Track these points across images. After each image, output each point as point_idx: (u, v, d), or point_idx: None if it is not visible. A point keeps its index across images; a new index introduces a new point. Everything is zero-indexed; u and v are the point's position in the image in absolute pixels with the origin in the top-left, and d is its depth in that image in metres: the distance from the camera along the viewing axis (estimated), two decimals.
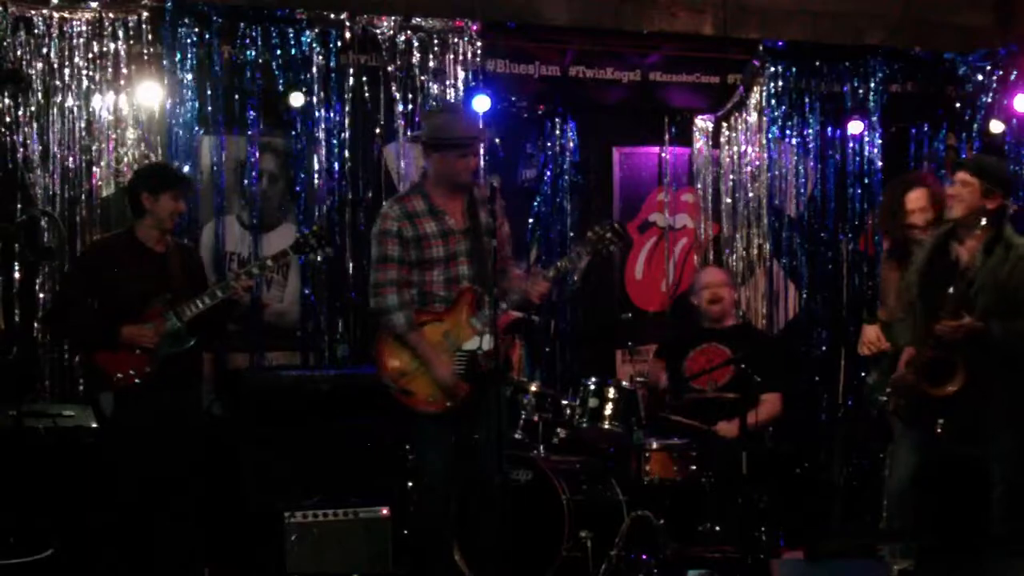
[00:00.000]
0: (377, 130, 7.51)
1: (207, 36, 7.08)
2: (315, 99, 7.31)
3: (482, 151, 7.52)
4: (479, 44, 7.52)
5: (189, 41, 7.04)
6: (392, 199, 5.91)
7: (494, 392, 5.50)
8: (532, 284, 5.61)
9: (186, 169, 7.04)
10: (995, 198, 5.50)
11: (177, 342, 5.85)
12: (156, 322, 5.81)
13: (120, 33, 6.94)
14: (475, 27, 7.49)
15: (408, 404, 5.63)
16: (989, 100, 8.35)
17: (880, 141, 8.34)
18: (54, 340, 6.70)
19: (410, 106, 7.47)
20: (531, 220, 7.91)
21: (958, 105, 8.48)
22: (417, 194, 5.69)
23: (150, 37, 6.97)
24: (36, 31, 6.80)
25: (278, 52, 7.23)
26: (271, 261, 6.17)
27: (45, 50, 6.82)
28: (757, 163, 8.25)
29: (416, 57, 7.46)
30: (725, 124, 8.30)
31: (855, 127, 8.24)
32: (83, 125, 6.91)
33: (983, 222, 5.46)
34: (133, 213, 5.99)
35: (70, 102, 6.88)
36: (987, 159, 6.00)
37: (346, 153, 7.43)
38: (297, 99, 7.22)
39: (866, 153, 8.34)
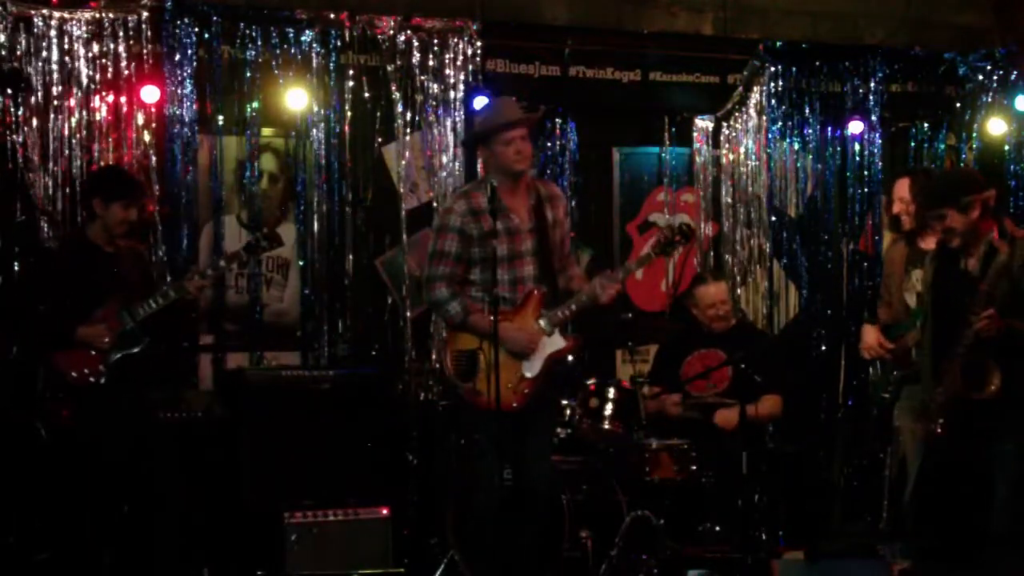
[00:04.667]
0: (377, 130, 7.51)
1: (207, 36, 7.08)
2: (315, 99, 7.31)
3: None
4: (479, 44, 7.52)
5: (189, 41, 7.04)
6: (458, 193, 5.77)
7: (549, 395, 5.55)
8: (603, 286, 5.52)
9: (186, 170, 7.05)
10: (974, 206, 5.41)
11: (131, 342, 5.85)
12: (110, 322, 5.81)
13: (120, 33, 6.94)
14: (475, 27, 7.49)
15: (477, 404, 5.45)
16: (989, 100, 8.35)
17: (880, 141, 8.34)
18: (7, 343, 6.49)
19: (410, 105, 7.47)
20: None
21: (958, 105, 8.48)
22: (481, 190, 5.50)
23: (150, 37, 6.98)
24: (36, 31, 6.80)
25: (278, 52, 7.23)
26: (224, 262, 6.23)
27: (45, 50, 6.82)
28: (757, 163, 8.25)
29: (416, 57, 7.46)
30: (725, 124, 8.30)
31: (855, 127, 8.24)
32: (83, 125, 6.91)
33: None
34: (85, 214, 5.97)
35: (70, 102, 6.88)
36: (941, 183, 5.92)
37: (346, 153, 7.44)
38: (297, 99, 7.24)
39: (866, 153, 8.34)
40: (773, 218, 8.28)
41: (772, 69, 8.12)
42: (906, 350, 6.06)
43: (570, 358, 5.75)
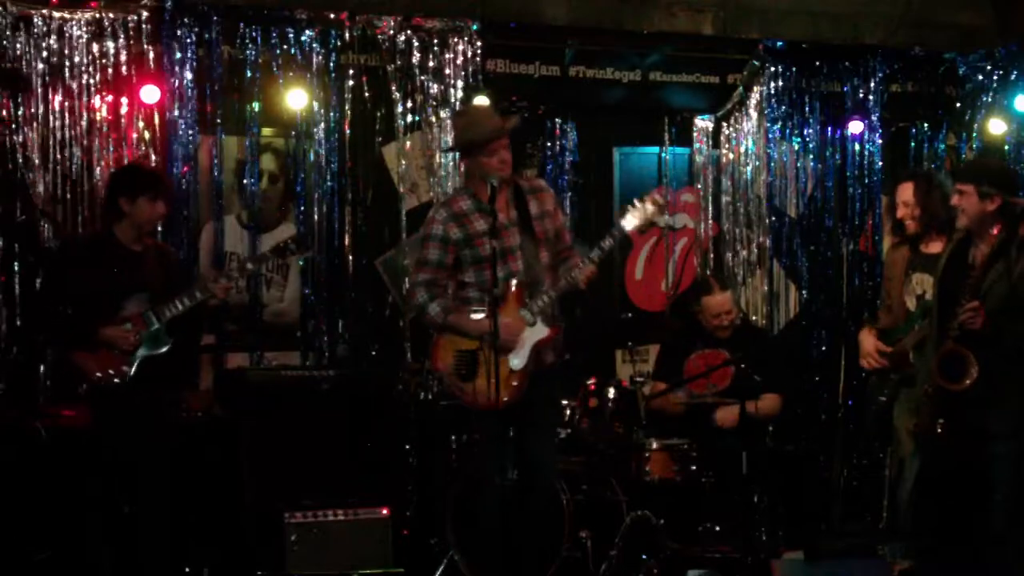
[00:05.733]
0: (377, 130, 7.51)
1: (207, 36, 7.08)
2: (315, 99, 7.32)
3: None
4: (479, 44, 7.52)
5: (189, 41, 7.04)
6: (439, 203, 5.92)
7: (546, 391, 5.56)
8: (579, 271, 5.57)
9: (186, 169, 7.06)
10: (995, 199, 5.45)
11: (156, 343, 5.81)
12: (135, 323, 5.78)
13: (120, 33, 6.94)
14: (475, 27, 7.49)
15: (466, 402, 5.55)
16: (989, 100, 8.35)
17: (880, 141, 8.35)
18: (30, 338, 6.58)
19: (410, 106, 7.48)
20: None
21: (958, 105, 8.48)
22: (463, 194, 5.68)
23: (150, 37, 6.98)
24: (36, 31, 6.80)
25: (278, 52, 7.23)
26: (251, 264, 6.23)
27: (45, 50, 6.82)
28: (757, 163, 8.25)
29: (416, 57, 7.46)
30: (725, 124, 8.30)
31: (855, 127, 8.25)
32: (83, 125, 6.91)
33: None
34: (112, 215, 5.93)
35: (70, 102, 6.87)
36: (979, 162, 5.97)
37: (346, 153, 7.44)
38: (297, 99, 7.24)
39: (866, 153, 8.34)
40: (773, 218, 8.28)
41: (772, 69, 8.12)
42: (904, 353, 6.06)
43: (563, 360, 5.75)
